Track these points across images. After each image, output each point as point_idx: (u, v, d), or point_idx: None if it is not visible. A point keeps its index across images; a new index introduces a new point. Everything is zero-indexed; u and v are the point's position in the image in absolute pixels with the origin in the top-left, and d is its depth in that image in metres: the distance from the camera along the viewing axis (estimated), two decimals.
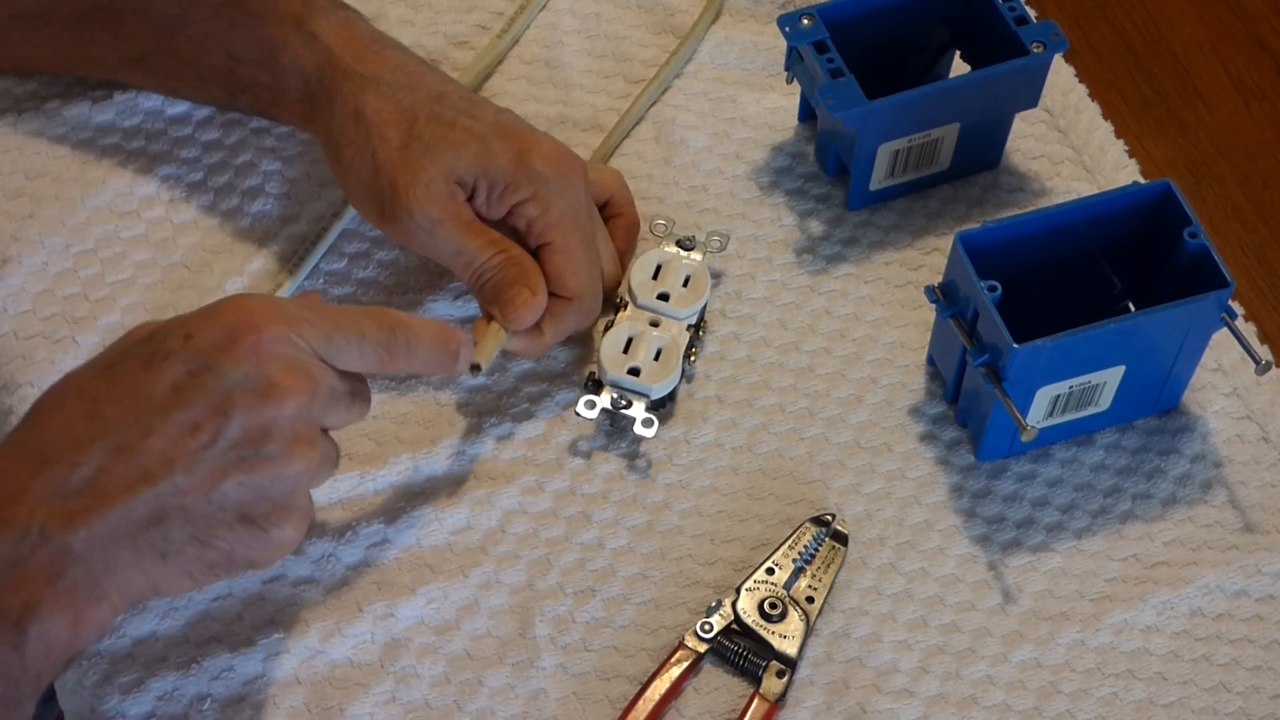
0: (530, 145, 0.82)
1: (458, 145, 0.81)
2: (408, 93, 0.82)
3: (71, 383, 0.68)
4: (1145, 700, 0.79)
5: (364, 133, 0.81)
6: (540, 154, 0.81)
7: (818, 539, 0.81)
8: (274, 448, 0.67)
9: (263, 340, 0.68)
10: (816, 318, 0.89)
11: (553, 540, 0.82)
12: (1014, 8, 0.88)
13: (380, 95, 0.82)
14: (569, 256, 0.82)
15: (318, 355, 0.70)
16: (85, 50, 0.90)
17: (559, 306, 0.83)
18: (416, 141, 0.81)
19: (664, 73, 0.95)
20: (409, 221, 0.81)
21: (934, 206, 0.93)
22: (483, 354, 0.80)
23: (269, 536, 0.68)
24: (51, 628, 0.64)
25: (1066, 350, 0.78)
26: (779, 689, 0.77)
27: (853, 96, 0.85)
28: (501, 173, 0.81)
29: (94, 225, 0.89)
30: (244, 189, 0.91)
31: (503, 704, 0.77)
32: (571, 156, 0.83)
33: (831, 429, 0.85)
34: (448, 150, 0.81)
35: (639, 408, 0.83)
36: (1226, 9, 1.07)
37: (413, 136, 0.81)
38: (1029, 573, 0.82)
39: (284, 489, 0.68)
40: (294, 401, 0.68)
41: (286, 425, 0.68)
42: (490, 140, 0.81)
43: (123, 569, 0.65)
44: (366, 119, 0.81)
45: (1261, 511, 0.84)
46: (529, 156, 0.81)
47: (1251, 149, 1.02)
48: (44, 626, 0.64)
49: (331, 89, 0.83)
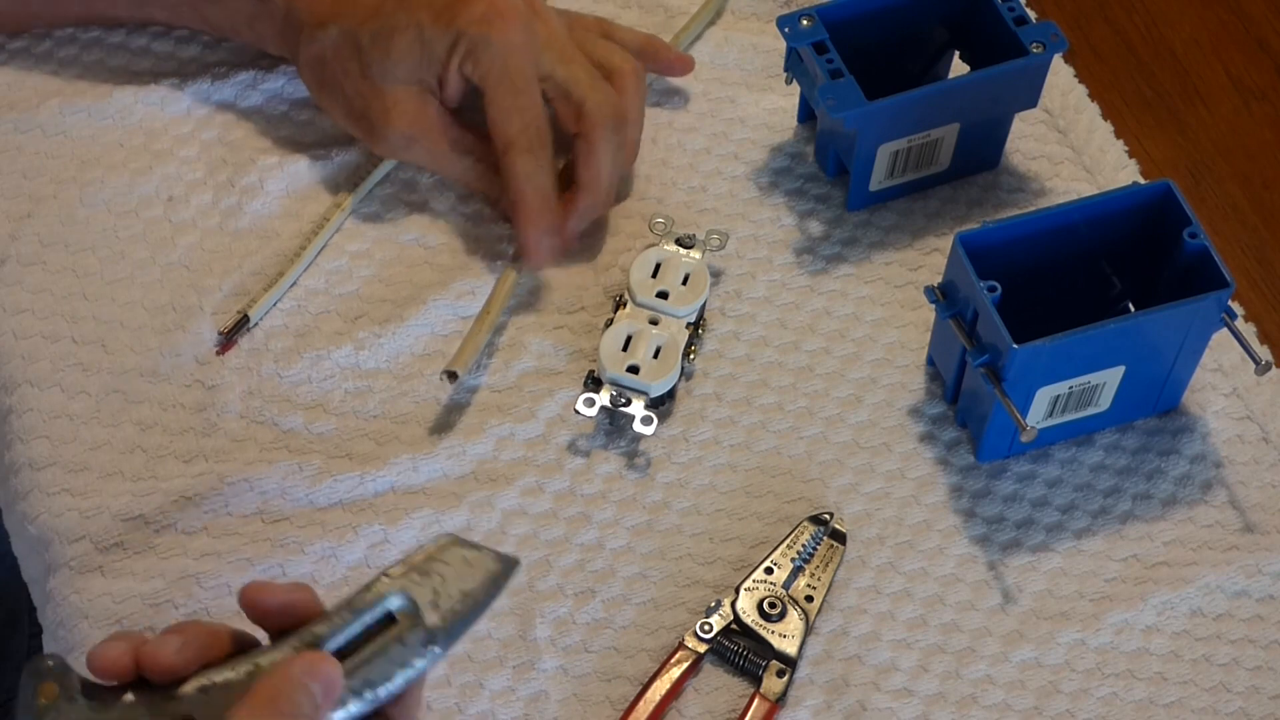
0: (460, 7, 0.84)
1: (402, 52, 0.85)
2: (352, 21, 0.86)
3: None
4: (1145, 700, 0.79)
5: (328, 77, 0.87)
6: (466, 13, 0.84)
7: (816, 538, 0.81)
8: None
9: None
10: (816, 317, 0.89)
11: (553, 541, 0.82)
12: (1013, 8, 0.88)
13: (332, 36, 0.86)
14: (495, 106, 0.85)
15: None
16: (55, 11, 0.94)
17: (504, 162, 0.85)
18: (369, 67, 0.85)
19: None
20: (389, 144, 0.87)
21: (934, 207, 0.93)
22: (459, 360, 0.82)
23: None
24: None
25: (1066, 350, 0.78)
26: (779, 688, 0.77)
27: (852, 97, 0.85)
28: (439, 50, 0.84)
29: (93, 225, 0.89)
30: (243, 187, 0.91)
31: (503, 706, 0.77)
32: (506, 5, 0.84)
33: (831, 428, 0.85)
34: (396, 63, 0.85)
35: (638, 406, 0.83)
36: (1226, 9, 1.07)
37: (365, 63, 0.85)
38: (1029, 573, 0.82)
39: None
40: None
41: None
42: (426, 28, 0.84)
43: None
44: (324, 61, 0.87)
45: (1261, 511, 0.84)
46: (456, 19, 0.84)
47: (1251, 149, 1.02)
48: None
49: (295, 49, 0.88)
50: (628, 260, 0.89)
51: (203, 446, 0.83)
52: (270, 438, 0.83)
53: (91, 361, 0.85)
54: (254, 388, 0.85)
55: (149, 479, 0.82)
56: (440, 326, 0.87)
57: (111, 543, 0.80)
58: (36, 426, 0.84)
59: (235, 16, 0.90)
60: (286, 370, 0.85)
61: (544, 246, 0.86)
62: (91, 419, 0.84)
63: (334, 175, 0.91)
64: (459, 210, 0.91)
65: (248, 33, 0.91)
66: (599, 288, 0.89)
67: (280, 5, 0.88)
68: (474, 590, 0.64)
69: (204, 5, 0.91)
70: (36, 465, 0.83)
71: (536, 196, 0.86)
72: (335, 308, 0.88)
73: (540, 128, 0.85)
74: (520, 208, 0.86)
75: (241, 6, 0.90)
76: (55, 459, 0.83)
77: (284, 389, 0.85)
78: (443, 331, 0.87)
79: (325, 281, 0.89)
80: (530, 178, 0.85)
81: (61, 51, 0.95)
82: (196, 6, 0.91)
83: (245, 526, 0.81)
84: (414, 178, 0.92)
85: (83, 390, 0.85)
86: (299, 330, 0.87)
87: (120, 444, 0.83)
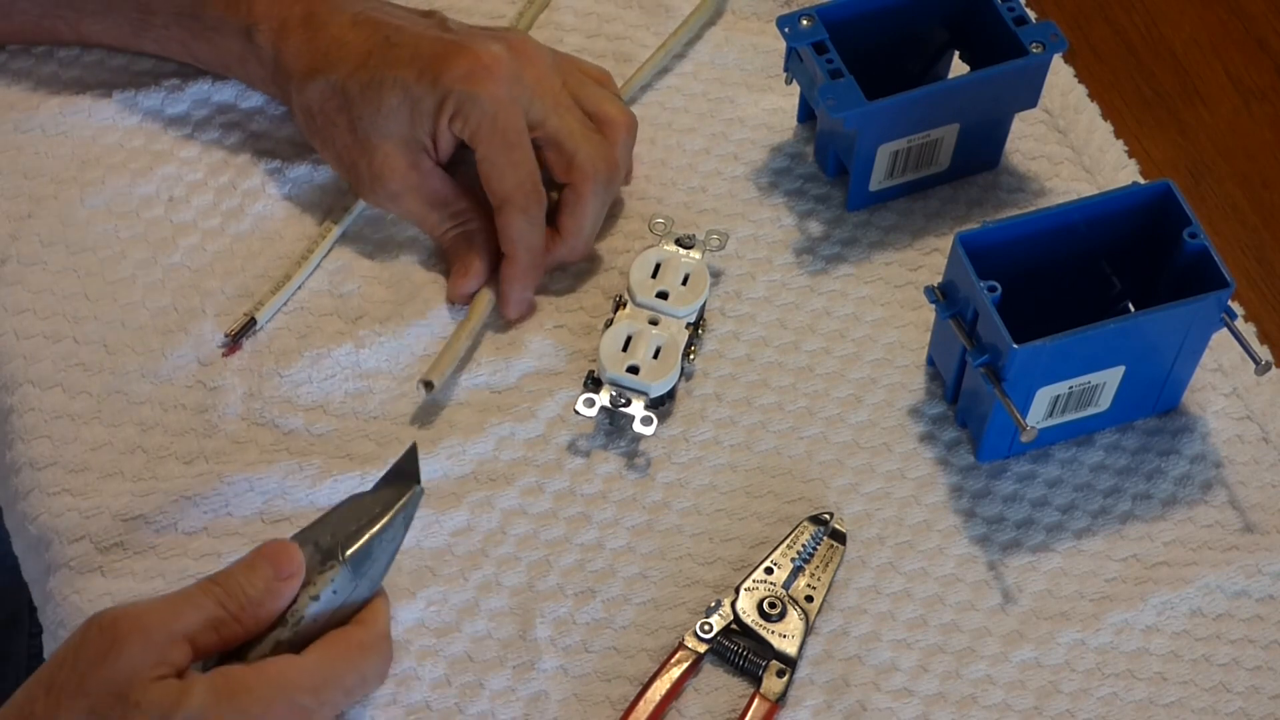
0: (444, 65, 0.83)
1: (392, 109, 0.84)
2: (340, 73, 0.85)
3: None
4: (1145, 700, 0.79)
5: (318, 127, 0.87)
6: (450, 70, 0.83)
7: (816, 538, 0.81)
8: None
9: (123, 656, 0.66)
10: (816, 318, 0.89)
11: (553, 541, 0.82)
12: (1013, 8, 0.88)
13: (320, 88, 0.86)
14: (488, 163, 0.84)
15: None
16: (49, 39, 0.94)
17: (499, 218, 0.85)
18: (359, 121, 0.85)
19: (656, 58, 0.95)
20: (378, 197, 0.87)
21: (933, 207, 0.93)
22: (435, 370, 0.83)
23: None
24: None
25: (1066, 350, 0.78)
26: (779, 688, 0.77)
27: (852, 97, 0.85)
28: (428, 109, 0.84)
29: (93, 225, 0.89)
30: (245, 189, 0.91)
31: (504, 706, 0.77)
32: (491, 59, 0.84)
33: (831, 428, 0.85)
34: (385, 119, 0.84)
35: (638, 406, 0.83)
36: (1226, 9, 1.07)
37: (354, 117, 0.85)
38: (1029, 573, 0.82)
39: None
40: None
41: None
42: (412, 87, 0.84)
43: None
44: (313, 113, 0.87)
45: (1261, 511, 0.84)
46: (442, 78, 0.83)
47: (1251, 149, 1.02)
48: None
49: (287, 94, 0.88)
50: (627, 261, 0.89)
51: (204, 447, 0.83)
52: (271, 439, 0.83)
53: (93, 362, 0.85)
54: (255, 389, 0.85)
55: (149, 479, 0.82)
56: (440, 328, 0.87)
57: (111, 543, 0.80)
58: (38, 426, 0.84)
59: (225, 55, 0.90)
60: (287, 370, 0.85)
61: (525, 301, 0.87)
62: (93, 419, 0.84)
63: (336, 178, 0.91)
64: None
65: (239, 71, 0.91)
66: (599, 288, 0.89)
67: (268, 49, 0.87)
68: (368, 516, 0.71)
69: (193, 43, 0.90)
70: (37, 465, 0.83)
71: (527, 256, 0.86)
72: (336, 308, 0.88)
73: (535, 184, 0.85)
74: (510, 264, 0.86)
75: (231, 46, 0.89)
76: (56, 459, 0.83)
77: (285, 390, 0.85)
78: (443, 333, 0.87)
79: (327, 282, 0.89)
80: (523, 237, 0.85)
81: (61, 52, 0.95)
82: (186, 44, 0.91)
83: (246, 527, 0.81)
84: None
85: (84, 390, 0.85)
86: (300, 331, 0.87)
87: (121, 444, 0.83)
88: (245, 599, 0.69)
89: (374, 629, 0.72)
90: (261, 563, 0.70)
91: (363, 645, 0.72)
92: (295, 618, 0.70)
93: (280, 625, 0.69)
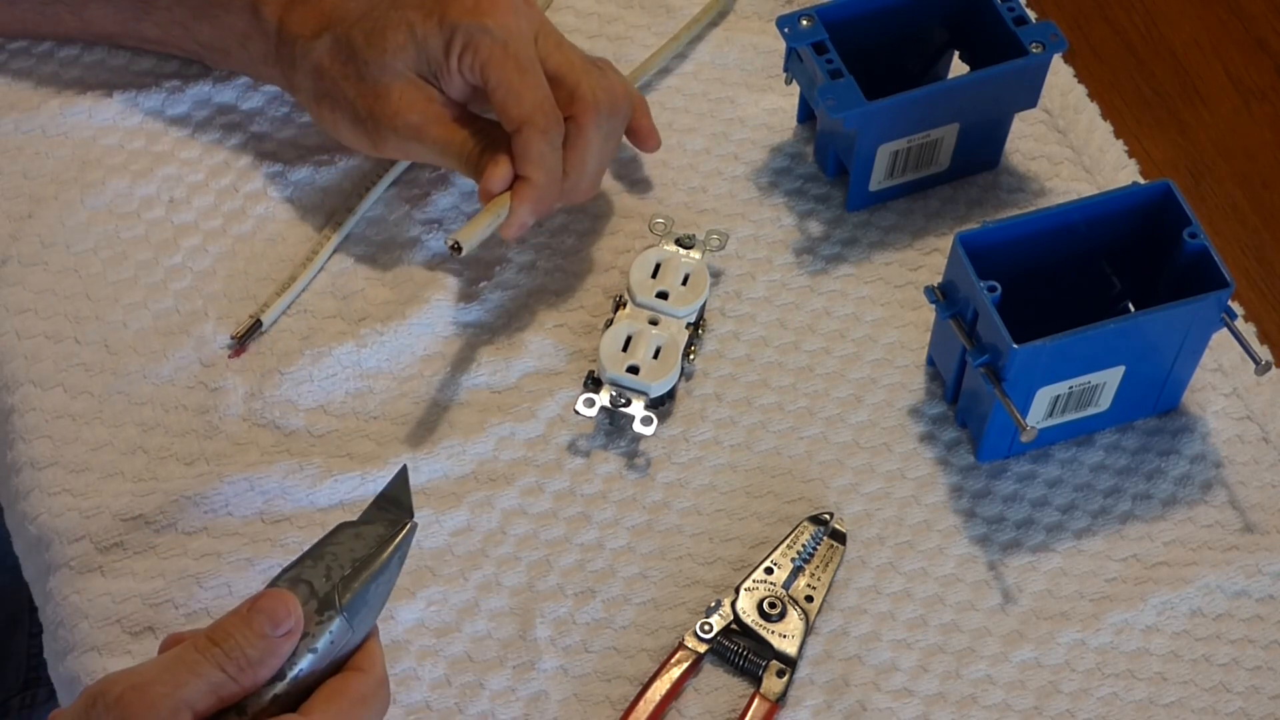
0: (450, 1, 0.84)
1: (398, 48, 0.84)
2: (345, 24, 0.86)
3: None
4: (1145, 700, 0.79)
5: (327, 84, 0.86)
6: (456, 4, 0.83)
7: (816, 538, 0.81)
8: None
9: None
10: (816, 318, 0.89)
11: (553, 541, 0.82)
12: (1013, 8, 0.88)
13: (327, 44, 0.86)
14: (504, 88, 0.83)
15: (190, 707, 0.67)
16: (51, 29, 0.93)
17: (518, 141, 0.83)
18: (367, 66, 0.85)
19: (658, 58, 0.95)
20: (397, 138, 0.85)
21: (933, 207, 0.93)
22: (466, 234, 0.81)
23: None
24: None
25: (1066, 350, 0.78)
26: (779, 688, 0.77)
27: (852, 97, 0.85)
28: (435, 48, 0.84)
29: (94, 226, 0.90)
30: (246, 191, 0.91)
31: (504, 706, 0.77)
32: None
33: (831, 428, 0.85)
34: (393, 58, 0.84)
35: (638, 406, 0.83)
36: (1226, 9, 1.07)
37: (362, 63, 0.85)
38: (1029, 573, 0.82)
39: None
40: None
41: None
42: (418, 26, 0.84)
43: None
44: (322, 70, 0.86)
45: (1261, 511, 0.84)
46: (448, 14, 0.83)
47: (1251, 149, 1.02)
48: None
49: (290, 63, 0.87)
50: (627, 260, 0.89)
51: (204, 448, 0.83)
52: (271, 440, 0.83)
53: (94, 362, 0.86)
54: (256, 389, 0.85)
55: (150, 480, 0.82)
56: (441, 327, 0.87)
57: (111, 543, 0.80)
58: (38, 426, 0.84)
59: (227, 35, 0.90)
60: (288, 370, 0.85)
61: (526, 226, 0.84)
62: (94, 419, 0.84)
63: (338, 180, 0.91)
64: (461, 209, 0.91)
65: (239, 52, 0.90)
66: (599, 288, 0.89)
67: (273, 22, 0.87)
68: (365, 555, 0.69)
69: (195, 24, 0.90)
70: (38, 465, 0.83)
71: (546, 179, 0.83)
72: (339, 310, 0.88)
73: (552, 106, 0.84)
74: (526, 187, 0.83)
75: (234, 24, 0.89)
76: (57, 459, 0.83)
77: (286, 390, 0.85)
78: (444, 333, 0.87)
79: (330, 284, 0.89)
80: (543, 158, 0.83)
81: (62, 51, 0.95)
82: (188, 26, 0.91)
83: (246, 527, 0.81)
84: (416, 175, 0.92)
85: (85, 390, 0.85)
86: (303, 333, 0.87)
87: (122, 444, 0.83)
88: (245, 660, 0.66)
89: (372, 676, 0.69)
90: (259, 617, 0.66)
91: (364, 697, 0.69)
92: (293, 671, 0.67)
93: (277, 679, 0.67)
